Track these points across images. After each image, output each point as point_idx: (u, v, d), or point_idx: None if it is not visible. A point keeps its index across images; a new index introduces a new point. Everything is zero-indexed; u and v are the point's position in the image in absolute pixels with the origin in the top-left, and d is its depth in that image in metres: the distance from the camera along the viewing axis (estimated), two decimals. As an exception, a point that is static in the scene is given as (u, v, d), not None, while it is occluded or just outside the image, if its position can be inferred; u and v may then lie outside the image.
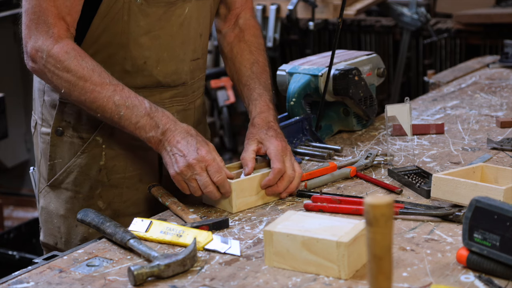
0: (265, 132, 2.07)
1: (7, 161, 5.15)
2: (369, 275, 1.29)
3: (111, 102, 1.93)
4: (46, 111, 2.12)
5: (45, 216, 2.17)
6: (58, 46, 1.94)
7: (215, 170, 1.91)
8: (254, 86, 2.20)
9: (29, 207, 5.14)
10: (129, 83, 2.04)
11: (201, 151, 1.91)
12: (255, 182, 1.98)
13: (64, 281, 1.65)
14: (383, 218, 1.25)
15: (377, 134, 2.51)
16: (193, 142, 1.93)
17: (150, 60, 2.06)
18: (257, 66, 2.24)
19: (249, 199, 1.97)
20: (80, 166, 2.10)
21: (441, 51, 5.29)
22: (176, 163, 1.92)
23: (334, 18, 5.10)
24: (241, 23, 2.29)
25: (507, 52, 3.37)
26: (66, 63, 1.93)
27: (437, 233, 1.79)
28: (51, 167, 2.12)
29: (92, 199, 2.11)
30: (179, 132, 1.94)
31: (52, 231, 2.17)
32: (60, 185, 2.12)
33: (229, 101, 5.30)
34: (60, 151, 2.11)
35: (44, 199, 2.17)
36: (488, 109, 2.73)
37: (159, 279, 1.62)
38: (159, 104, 2.07)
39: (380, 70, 2.56)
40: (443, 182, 1.89)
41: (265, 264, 1.67)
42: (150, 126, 1.94)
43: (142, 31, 2.03)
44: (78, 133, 2.09)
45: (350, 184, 2.11)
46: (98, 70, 1.95)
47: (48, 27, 1.94)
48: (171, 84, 2.12)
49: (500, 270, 1.56)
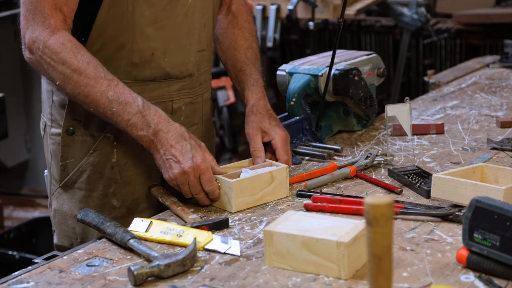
0: (268, 122, 2.14)
1: (7, 161, 5.15)
2: (369, 275, 1.29)
3: (104, 97, 1.93)
4: (55, 112, 2.12)
5: (59, 218, 2.15)
6: (55, 38, 1.93)
7: (207, 179, 1.92)
8: (250, 71, 2.23)
9: (29, 207, 5.14)
10: (138, 76, 2.04)
11: (196, 159, 1.91)
12: (255, 182, 1.98)
13: (64, 281, 1.65)
14: (383, 218, 1.25)
15: (377, 134, 2.51)
16: (188, 147, 1.92)
17: (157, 51, 2.06)
18: (251, 52, 2.27)
19: (248, 199, 1.97)
20: (93, 165, 2.09)
21: (441, 51, 5.30)
22: (171, 169, 1.93)
23: (334, 18, 5.11)
24: (234, 9, 2.31)
25: (507, 52, 3.37)
26: (62, 55, 1.92)
27: (437, 233, 1.79)
28: (63, 168, 2.11)
29: (106, 198, 2.10)
30: (173, 134, 1.93)
31: (67, 233, 2.15)
32: (73, 185, 2.11)
33: (229, 101, 5.30)
34: (72, 151, 2.10)
35: (57, 201, 2.15)
36: (488, 109, 2.73)
37: (159, 279, 1.62)
38: (168, 97, 2.08)
39: (380, 70, 2.56)
40: (443, 182, 1.89)
41: (265, 264, 1.67)
42: (142, 125, 1.93)
43: (147, 21, 2.03)
44: (89, 131, 2.08)
45: (350, 184, 2.11)
46: (93, 63, 1.94)
47: (44, 17, 1.94)
48: (179, 75, 2.11)
49: (500, 270, 1.56)
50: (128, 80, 2.04)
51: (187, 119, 2.16)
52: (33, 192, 5.31)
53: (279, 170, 2.02)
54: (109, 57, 2.02)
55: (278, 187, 2.02)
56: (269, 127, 2.13)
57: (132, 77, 2.05)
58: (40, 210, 5.07)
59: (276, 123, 2.15)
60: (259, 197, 1.99)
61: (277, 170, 2.02)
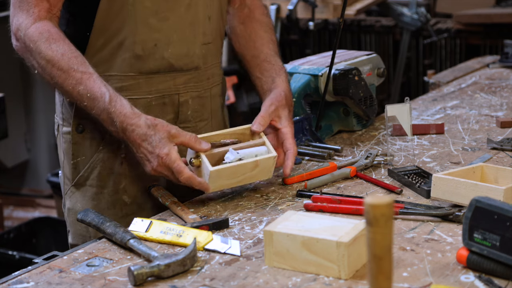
0: (288, 112, 2.12)
1: (7, 161, 5.15)
2: (369, 275, 1.29)
3: (76, 91, 1.94)
4: (65, 110, 2.12)
5: (73, 217, 2.15)
6: (35, 26, 1.95)
7: (176, 171, 1.91)
8: (275, 62, 2.23)
9: (29, 207, 5.15)
10: (142, 68, 2.05)
11: (160, 155, 1.90)
12: (237, 169, 1.96)
13: (64, 281, 1.65)
14: (383, 218, 1.25)
15: (377, 134, 2.51)
16: (153, 144, 1.91)
17: (160, 42, 2.06)
18: (273, 44, 2.28)
19: (226, 182, 1.97)
20: (103, 161, 2.09)
21: (441, 51, 5.30)
22: (145, 166, 1.95)
23: (334, 18, 5.11)
24: (249, 3, 2.31)
25: (507, 52, 3.37)
26: (38, 44, 1.94)
27: (437, 233, 1.79)
28: (75, 166, 2.11)
29: (117, 194, 2.10)
30: (137, 133, 1.92)
31: (80, 232, 2.15)
32: (85, 182, 2.12)
33: (229, 101, 5.30)
34: (82, 149, 2.10)
35: (70, 200, 2.15)
36: (488, 109, 2.73)
37: (159, 279, 1.62)
38: (174, 90, 2.09)
39: (380, 70, 2.56)
40: (443, 182, 1.89)
41: (265, 264, 1.67)
42: (109, 122, 1.94)
43: (149, 12, 2.03)
44: (97, 127, 2.07)
45: (350, 184, 2.11)
46: (68, 55, 1.94)
47: (29, 6, 1.96)
48: (184, 68, 2.11)
49: (500, 270, 1.56)
50: (133, 73, 2.05)
51: (195, 113, 2.16)
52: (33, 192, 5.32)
53: (266, 160, 2.00)
54: (114, 50, 2.03)
55: (261, 172, 2.01)
56: (285, 117, 2.11)
57: (136, 69, 2.05)
58: (40, 210, 5.08)
59: (291, 117, 2.14)
60: (238, 180, 1.99)
61: (263, 160, 1.99)
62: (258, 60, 2.24)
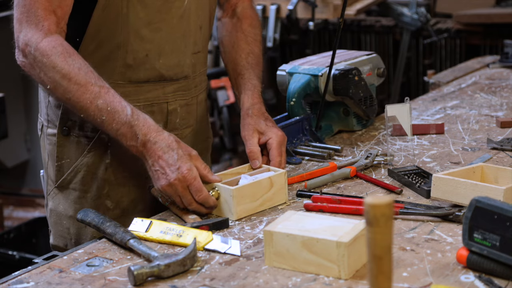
0: (264, 123, 2.13)
1: (7, 161, 5.14)
2: (369, 275, 1.29)
3: (94, 105, 1.90)
4: (51, 112, 2.12)
5: (54, 218, 2.16)
6: (46, 40, 1.91)
7: (195, 189, 1.87)
8: (249, 76, 2.22)
9: (29, 207, 5.14)
10: (132, 77, 2.04)
11: (182, 169, 1.87)
12: (255, 188, 1.95)
13: (64, 281, 1.65)
14: (383, 218, 1.25)
15: (377, 134, 2.51)
16: (175, 157, 1.88)
17: (151, 52, 2.06)
18: (252, 57, 2.26)
19: (249, 206, 1.94)
20: (87, 165, 2.09)
21: (441, 51, 5.29)
22: (159, 181, 1.89)
23: (334, 18, 5.10)
24: (239, 12, 2.31)
25: (507, 52, 3.37)
26: (52, 58, 1.90)
27: (437, 233, 1.79)
28: (59, 168, 2.11)
29: (100, 199, 2.10)
30: (160, 145, 1.89)
31: (61, 233, 2.15)
32: (68, 185, 2.11)
33: (229, 101, 5.30)
34: (67, 151, 2.10)
35: (53, 201, 2.15)
36: (488, 109, 2.73)
37: (159, 279, 1.62)
38: (163, 99, 2.07)
39: (380, 70, 2.56)
40: (443, 182, 1.89)
41: (265, 264, 1.67)
42: (130, 135, 1.90)
43: (142, 23, 2.03)
44: (84, 131, 2.07)
45: (350, 184, 2.11)
46: (84, 69, 1.90)
47: (38, 20, 1.92)
48: (174, 77, 2.11)
49: (500, 270, 1.56)
50: (123, 82, 2.04)
51: (183, 121, 2.16)
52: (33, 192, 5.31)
53: (278, 176, 1.99)
54: (105, 58, 2.02)
55: (278, 192, 1.98)
56: (266, 128, 2.11)
57: (126, 78, 2.05)
58: (40, 210, 5.07)
59: (272, 124, 2.14)
60: (259, 203, 1.95)
61: (276, 176, 1.99)
62: (235, 73, 2.26)
